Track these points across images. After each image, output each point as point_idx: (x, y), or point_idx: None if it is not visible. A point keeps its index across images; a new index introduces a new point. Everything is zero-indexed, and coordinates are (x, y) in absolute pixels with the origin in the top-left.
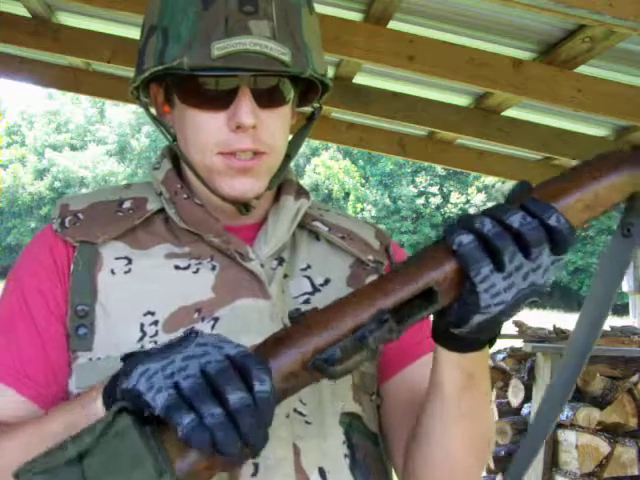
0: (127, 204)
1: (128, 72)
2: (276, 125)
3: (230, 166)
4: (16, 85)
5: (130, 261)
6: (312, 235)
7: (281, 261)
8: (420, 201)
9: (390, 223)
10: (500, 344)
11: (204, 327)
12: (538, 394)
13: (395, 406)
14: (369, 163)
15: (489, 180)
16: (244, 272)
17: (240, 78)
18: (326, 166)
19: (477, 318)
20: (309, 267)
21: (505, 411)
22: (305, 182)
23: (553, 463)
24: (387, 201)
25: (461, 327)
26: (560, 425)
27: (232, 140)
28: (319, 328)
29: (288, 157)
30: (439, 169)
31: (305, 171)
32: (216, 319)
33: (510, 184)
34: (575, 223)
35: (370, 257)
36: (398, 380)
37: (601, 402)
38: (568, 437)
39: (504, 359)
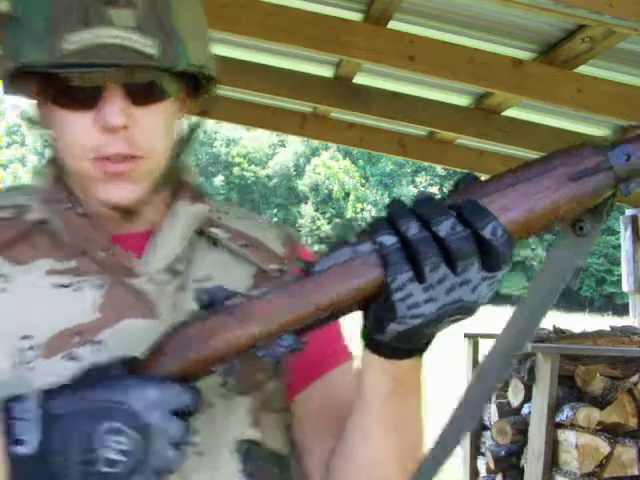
0: (6, 213)
1: None
2: (155, 124)
3: (104, 171)
4: None
5: (6, 278)
6: (211, 242)
7: (175, 273)
8: None
9: None
10: None
11: (84, 352)
12: (538, 394)
13: (310, 420)
14: (369, 163)
15: None
16: (131, 290)
17: (105, 74)
18: (326, 166)
19: (393, 327)
20: (206, 278)
21: (505, 411)
22: (305, 182)
23: (553, 463)
24: (387, 201)
25: (379, 334)
26: (560, 425)
27: (102, 143)
28: (212, 337)
29: (178, 156)
30: (439, 169)
31: (305, 171)
32: (98, 343)
33: None
34: (523, 233)
35: (273, 266)
36: (311, 392)
37: (601, 402)
38: (568, 437)
39: None
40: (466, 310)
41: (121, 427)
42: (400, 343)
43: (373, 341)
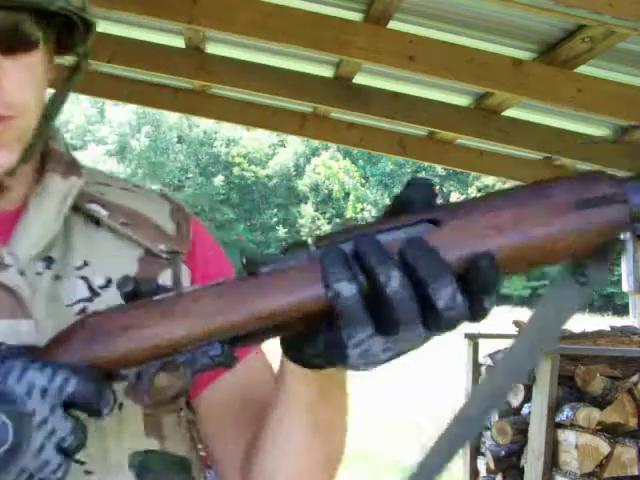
0: None
1: (128, 72)
2: (24, 77)
3: None
4: None
5: None
6: (91, 221)
7: (49, 261)
8: None
9: None
10: (500, 344)
11: None
12: (538, 394)
13: (220, 415)
14: (369, 163)
15: (489, 180)
16: None
17: None
18: (326, 166)
19: (339, 364)
20: (86, 264)
21: (505, 411)
22: (305, 182)
23: (553, 463)
24: (387, 201)
25: (318, 359)
26: (560, 425)
27: None
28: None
29: (46, 119)
30: (439, 169)
31: (305, 171)
32: None
33: (510, 184)
34: (511, 264)
35: (162, 247)
36: (219, 386)
37: (601, 402)
38: (568, 437)
39: None
40: (414, 348)
41: None
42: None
43: (301, 355)
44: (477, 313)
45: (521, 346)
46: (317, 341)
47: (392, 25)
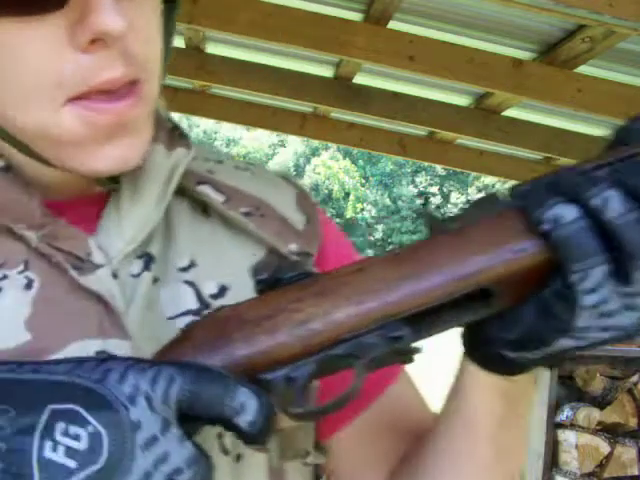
0: None
1: None
2: (151, 26)
3: (93, 125)
4: None
5: None
6: (197, 208)
7: (149, 260)
8: (420, 201)
9: (390, 223)
10: None
11: None
12: (538, 394)
13: (360, 450)
14: (369, 163)
15: (489, 180)
16: (82, 292)
17: None
18: (326, 166)
19: (561, 343)
20: (193, 265)
21: None
22: (305, 182)
23: (553, 463)
24: (387, 201)
25: (524, 351)
26: (560, 425)
27: (89, 68)
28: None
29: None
30: (439, 169)
31: (305, 171)
32: None
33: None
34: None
35: (293, 246)
36: (363, 421)
37: (601, 402)
38: (568, 437)
39: None
40: None
41: (81, 413)
42: (548, 362)
43: (494, 358)
44: None
45: None
46: (524, 315)
47: (392, 25)
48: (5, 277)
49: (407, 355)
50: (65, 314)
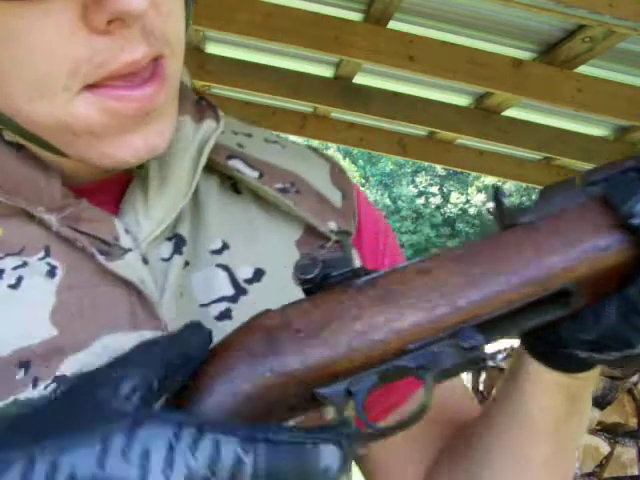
0: None
1: None
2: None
3: (115, 114)
4: None
5: None
6: (228, 184)
7: (180, 242)
8: (420, 201)
9: (390, 223)
10: (500, 344)
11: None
12: None
13: (401, 443)
14: (369, 163)
15: (489, 180)
16: (110, 279)
17: None
18: None
19: None
20: (225, 247)
21: None
22: None
23: None
24: (387, 201)
25: (604, 353)
26: None
27: (107, 50)
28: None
29: None
30: (439, 169)
31: None
32: (60, 379)
33: (509, 184)
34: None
35: (332, 224)
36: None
37: (601, 402)
38: None
39: (504, 359)
40: None
41: None
42: (622, 363)
43: (561, 356)
44: None
45: None
46: (605, 315)
47: (392, 25)
48: (25, 264)
49: (479, 364)
50: (93, 304)
